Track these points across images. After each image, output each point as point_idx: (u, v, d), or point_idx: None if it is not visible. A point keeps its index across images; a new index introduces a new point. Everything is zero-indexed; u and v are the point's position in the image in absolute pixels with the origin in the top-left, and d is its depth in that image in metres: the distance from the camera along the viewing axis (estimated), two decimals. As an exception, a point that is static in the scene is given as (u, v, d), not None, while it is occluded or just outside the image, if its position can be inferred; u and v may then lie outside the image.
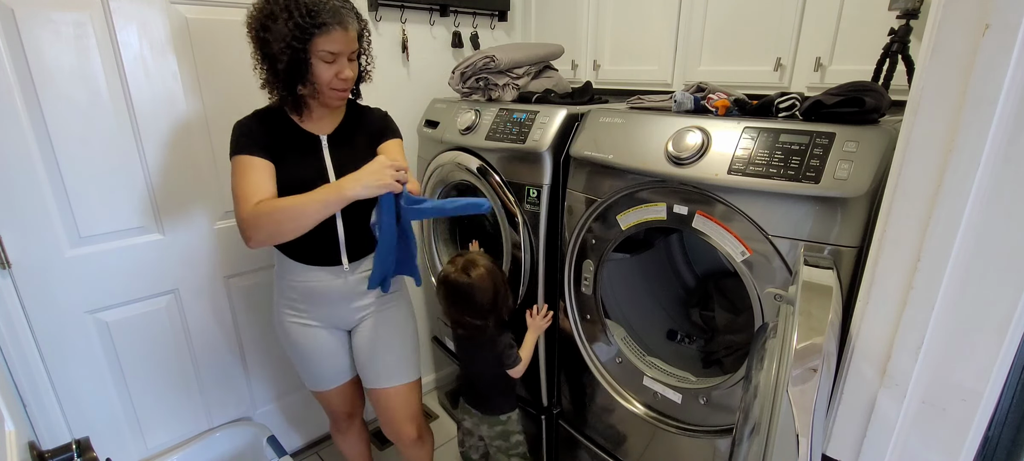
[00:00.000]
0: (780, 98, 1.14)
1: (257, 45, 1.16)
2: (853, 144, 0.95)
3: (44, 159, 1.34)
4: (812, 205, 1.00)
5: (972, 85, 0.63)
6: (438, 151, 1.80)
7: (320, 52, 1.15)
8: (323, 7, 1.13)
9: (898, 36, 1.13)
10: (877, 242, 0.77)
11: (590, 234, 1.44)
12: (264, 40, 1.14)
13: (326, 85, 1.19)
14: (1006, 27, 0.59)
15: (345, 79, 1.20)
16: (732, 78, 1.52)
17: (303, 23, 1.10)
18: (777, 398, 0.77)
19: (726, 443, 1.26)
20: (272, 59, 1.15)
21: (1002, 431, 0.86)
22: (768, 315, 1.10)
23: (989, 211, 0.65)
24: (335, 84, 1.19)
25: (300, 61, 1.14)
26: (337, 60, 1.18)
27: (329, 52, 1.15)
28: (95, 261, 1.47)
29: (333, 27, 1.14)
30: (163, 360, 1.67)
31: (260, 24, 1.13)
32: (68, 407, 1.52)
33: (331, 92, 1.21)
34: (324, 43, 1.14)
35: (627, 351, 1.47)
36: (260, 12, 1.14)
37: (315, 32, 1.12)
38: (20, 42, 1.25)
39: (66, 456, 0.76)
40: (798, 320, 0.77)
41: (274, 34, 1.11)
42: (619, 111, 1.38)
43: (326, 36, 1.14)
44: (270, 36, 1.12)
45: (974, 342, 0.71)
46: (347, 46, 1.18)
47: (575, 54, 1.98)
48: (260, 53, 1.17)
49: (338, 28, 1.14)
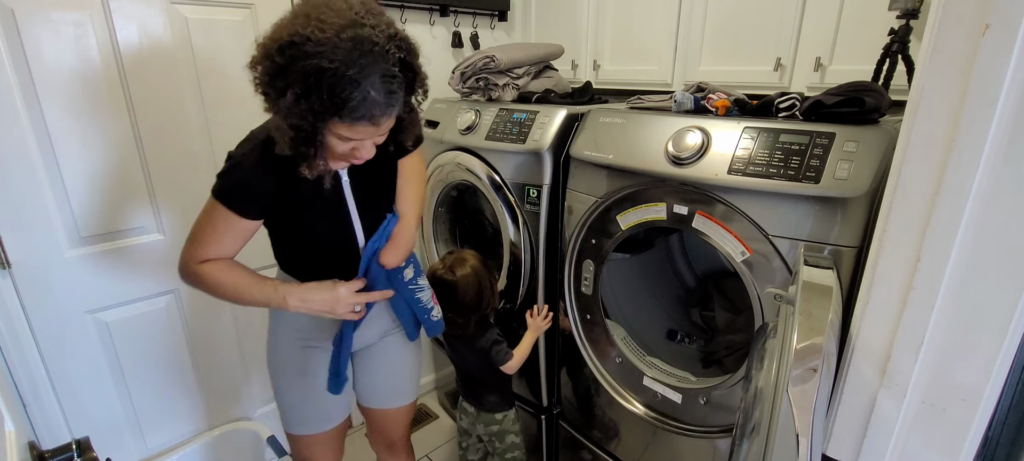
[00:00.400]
0: (780, 98, 1.14)
1: (265, 84, 0.89)
2: (853, 144, 0.95)
3: (44, 159, 1.34)
4: (812, 205, 1.00)
5: (972, 85, 0.63)
6: (438, 151, 1.80)
7: (336, 132, 0.90)
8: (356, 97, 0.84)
9: (898, 36, 1.13)
10: (877, 242, 0.77)
11: (590, 234, 1.44)
12: (268, 95, 0.89)
13: (337, 157, 0.96)
14: (1006, 27, 0.59)
15: (359, 158, 0.98)
16: (732, 78, 1.52)
17: (319, 110, 0.84)
18: (777, 398, 0.77)
19: (726, 443, 1.26)
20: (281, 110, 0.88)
21: (1002, 431, 0.86)
22: (768, 315, 1.10)
23: (989, 211, 0.65)
24: (346, 158, 0.98)
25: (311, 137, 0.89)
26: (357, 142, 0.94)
27: (345, 137, 0.91)
28: (95, 261, 1.47)
29: (361, 122, 0.88)
30: (163, 360, 1.67)
31: (267, 76, 0.87)
32: (68, 407, 1.52)
33: (341, 160, 0.98)
34: (343, 129, 0.89)
35: (627, 351, 1.47)
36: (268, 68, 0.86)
37: (336, 118, 0.87)
38: (20, 42, 1.25)
39: (66, 456, 0.76)
40: (798, 320, 0.77)
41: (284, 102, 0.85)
42: (619, 111, 1.38)
43: (349, 127, 0.88)
44: (275, 93, 0.87)
45: (974, 342, 0.71)
46: (371, 135, 0.94)
47: (575, 54, 1.98)
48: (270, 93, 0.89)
49: (366, 124, 0.89)
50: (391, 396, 1.37)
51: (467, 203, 1.98)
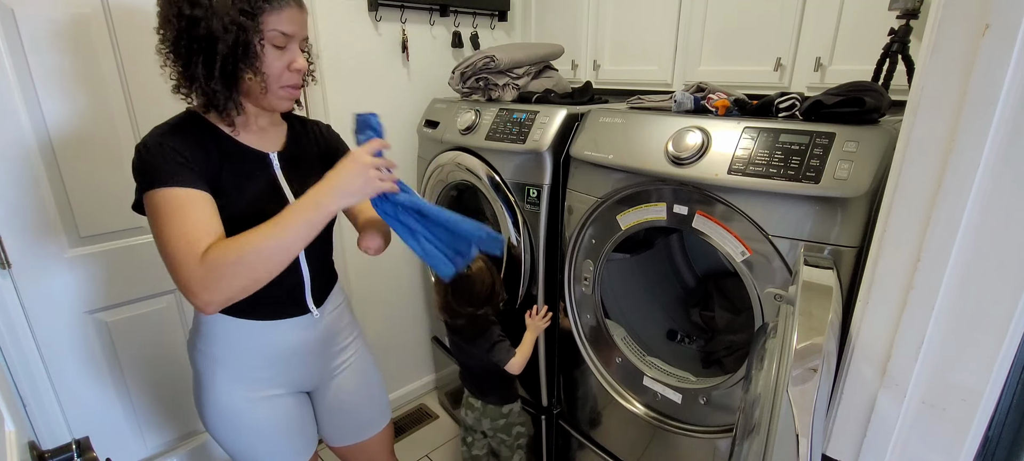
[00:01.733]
0: (780, 98, 1.14)
1: (180, 28, 0.85)
2: (853, 144, 0.95)
3: (44, 159, 1.34)
4: (812, 205, 1.00)
5: (972, 85, 0.62)
6: (438, 151, 1.80)
7: (271, 32, 0.88)
8: None
9: (898, 36, 1.13)
10: (877, 242, 0.77)
11: (590, 234, 1.44)
12: (193, 19, 0.84)
13: (276, 78, 0.92)
14: (1006, 27, 0.59)
15: (299, 69, 0.94)
16: (732, 78, 1.52)
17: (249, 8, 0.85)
18: (777, 398, 0.77)
19: (726, 443, 1.26)
20: (203, 44, 0.85)
21: (1002, 431, 0.86)
22: (768, 315, 1.10)
23: (989, 211, 0.65)
24: (287, 78, 0.93)
25: (248, 43, 0.87)
26: (289, 45, 0.92)
27: (282, 33, 0.90)
28: (95, 261, 1.47)
29: (287, 2, 0.90)
30: (163, 360, 1.67)
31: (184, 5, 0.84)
32: (68, 407, 1.52)
33: (281, 90, 0.94)
34: (276, 21, 0.88)
35: (627, 351, 1.47)
36: None
37: (266, 7, 0.87)
38: (20, 42, 1.25)
39: (66, 456, 0.76)
40: (798, 320, 0.77)
41: (215, 8, 0.84)
42: (619, 111, 1.38)
43: (278, 13, 0.88)
44: (204, 13, 0.84)
45: (974, 342, 0.71)
46: (302, 28, 0.94)
47: (575, 54, 1.98)
48: (184, 39, 0.86)
49: (293, 5, 0.91)
50: (364, 426, 1.26)
51: (467, 203, 1.98)
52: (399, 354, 2.32)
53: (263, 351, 1.04)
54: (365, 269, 2.05)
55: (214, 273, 0.82)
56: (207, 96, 0.90)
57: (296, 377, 1.11)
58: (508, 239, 1.62)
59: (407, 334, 2.32)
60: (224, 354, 1.03)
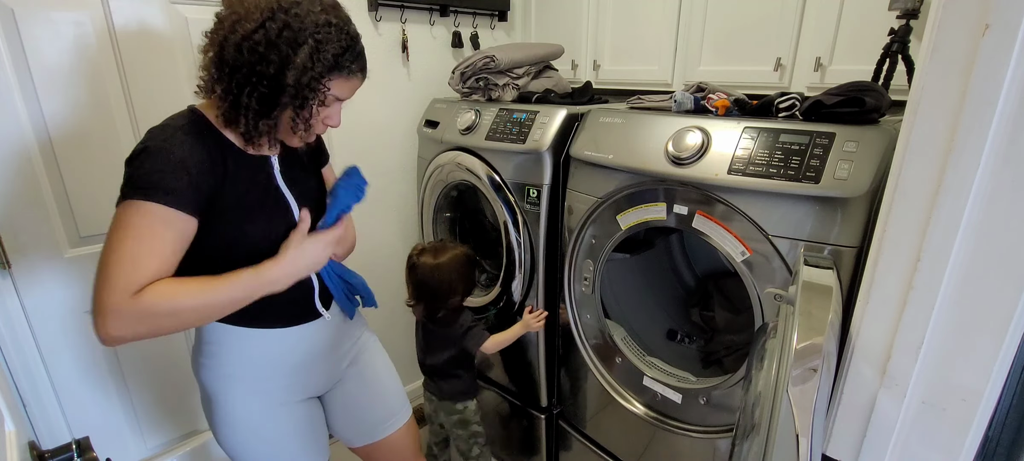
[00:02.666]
0: (780, 98, 1.14)
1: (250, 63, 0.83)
2: (853, 144, 0.95)
3: (44, 159, 1.34)
4: (812, 205, 1.00)
5: (972, 85, 0.62)
6: (438, 151, 1.80)
7: (330, 94, 0.90)
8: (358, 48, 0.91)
9: (898, 36, 1.13)
10: (877, 242, 0.77)
11: (590, 234, 1.44)
12: (268, 61, 0.82)
13: (309, 127, 0.92)
14: (1006, 27, 0.59)
15: (333, 126, 0.97)
16: (732, 78, 1.52)
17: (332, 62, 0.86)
18: (777, 398, 0.77)
19: (726, 443, 1.26)
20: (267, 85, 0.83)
21: (1002, 431, 0.86)
22: (768, 315, 1.10)
23: (989, 211, 0.65)
24: (316, 128, 0.94)
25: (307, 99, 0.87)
26: (335, 106, 0.95)
27: (338, 98, 0.92)
28: (95, 261, 1.46)
29: (357, 75, 0.93)
30: (163, 360, 1.67)
31: (266, 39, 0.81)
32: (68, 407, 1.52)
33: (305, 134, 0.93)
34: (340, 87, 0.90)
35: (627, 351, 1.47)
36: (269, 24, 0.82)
37: (338, 75, 0.89)
38: (20, 42, 1.25)
39: (66, 456, 0.76)
40: (798, 320, 0.77)
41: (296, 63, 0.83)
42: (619, 111, 1.38)
43: (346, 81, 0.91)
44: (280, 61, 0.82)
45: (974, 342, 0.71)
46: (353, 94, 0.96)
47: (575, 54, 1.98)
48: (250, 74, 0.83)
49: (359, 76, 0.94)
50: (379, 423, 1.23)
51: (467, 203, 1.98)
52: (399, 354, 2.31)
53: (277, 361, 1.03)
54: (363, 269, 2.04)
55: (137, 315, 0.77)
56: (246, 125, 0.87)
57: (310, 382, 1.11)
58: (508, 239, 1.62)
59: (407, 334, 2.31)
60: (239, 370, 1.01)
